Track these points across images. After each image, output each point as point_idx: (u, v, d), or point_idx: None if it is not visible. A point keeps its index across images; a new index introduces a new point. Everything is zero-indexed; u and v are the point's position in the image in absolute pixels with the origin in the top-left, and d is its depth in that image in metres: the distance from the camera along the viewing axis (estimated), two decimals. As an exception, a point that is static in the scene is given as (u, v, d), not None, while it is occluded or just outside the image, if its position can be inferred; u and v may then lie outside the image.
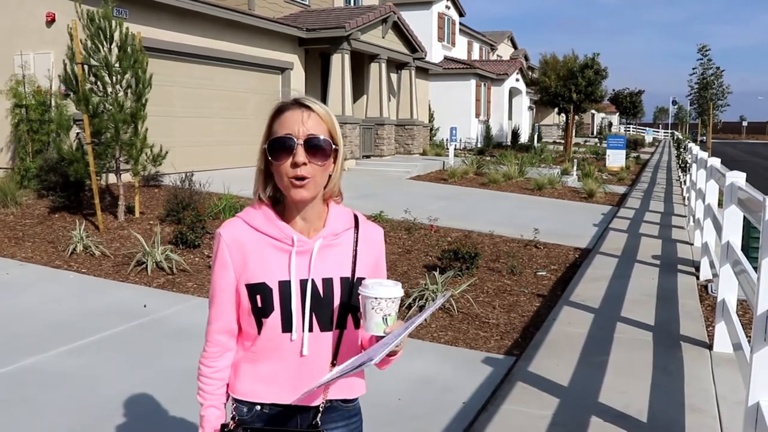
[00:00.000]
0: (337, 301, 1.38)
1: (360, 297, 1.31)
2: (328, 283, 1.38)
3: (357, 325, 1.43)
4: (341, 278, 1.39)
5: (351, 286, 1.40)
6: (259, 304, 1.35)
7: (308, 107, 1.34)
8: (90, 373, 3.79)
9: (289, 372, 1.37)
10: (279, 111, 1.35)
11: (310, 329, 1.37)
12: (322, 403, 1.41)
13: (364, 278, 1.41)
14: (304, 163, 1.31)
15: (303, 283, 1.36)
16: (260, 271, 1.36)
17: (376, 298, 1.28)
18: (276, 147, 1.32)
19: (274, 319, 1.35)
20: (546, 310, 5.16)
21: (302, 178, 1.32)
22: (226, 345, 1.43)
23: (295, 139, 1.31)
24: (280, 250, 1.37)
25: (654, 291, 5.50)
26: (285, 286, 1.35)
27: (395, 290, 1.31)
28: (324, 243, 1.39)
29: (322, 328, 1.38)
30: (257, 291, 1.36)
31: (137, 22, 9.65)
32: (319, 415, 1.40)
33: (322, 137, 1.33)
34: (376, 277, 1.46)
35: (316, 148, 1.33)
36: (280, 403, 1.39)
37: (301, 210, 1.38)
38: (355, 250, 1.43)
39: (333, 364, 1.39)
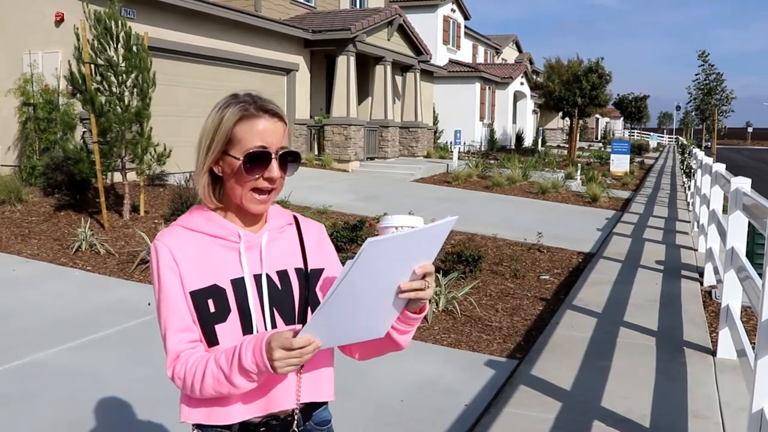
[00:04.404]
0: (296, 293, 1.31)
1: (379, 231, 1.20)
2: (283, 275, 1.31)
3: None
4: (296, 269, 1.33)
5: (306, 277, 1.34)
6: (212, 309, 1.24)
7: (279, 117, 1.28)
8: (94, 370, 3.81)
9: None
10: (244, 117, 1.25)
11: (273, 325, 1.27)
12: (296, 408, 1.30)
13: (320, 269, 1.36)
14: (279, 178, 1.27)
15: (257, 279, 1.28)
16: (208, 273, 1.26)
17: (396, 227, 1.17)
18: (251, 160, 1.24)
19: (232, 322, 1.24)
20: (549, 314, 5.16)
21: (268, 192, 1.27)
22: (194, 341, 1.26)
23: (271, 153, 1.25)
24: (227, 249, 1.29)
25: (657, 296, 5.49)
26: (239, 284, 1.26)
27: (416, 220, 1.19)
28: (270, 236, 1.33)
29: (287, 322, 1.29)
30: (208, 295, 1.24)
31: (145, 22, 9.70)
32: (295, 423, 1.29)
33: (293, 149, 1.29)
34: (332, 274, 1.37)
35: (288, 162, 1.28)
36: (252, 419, 1.27)
37: (247, 213, 1.32)
38: (302, 242, 1.37)
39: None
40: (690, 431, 3.02)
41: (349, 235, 6.78)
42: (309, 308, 1.32)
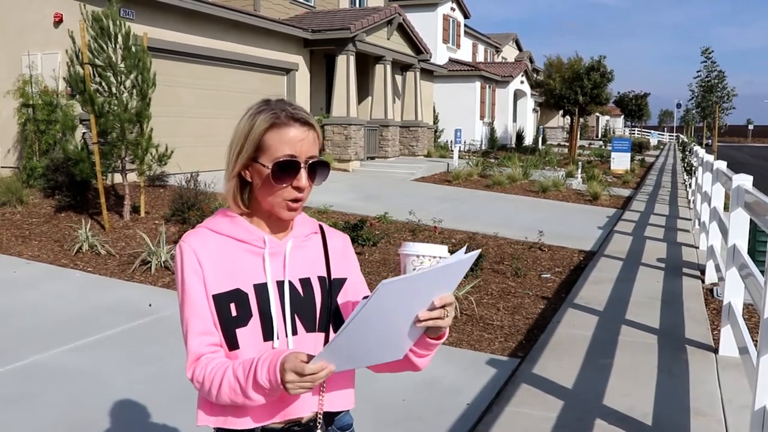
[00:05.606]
0: (318, 301, 1.32)
1: (400, 257, 1.20)
2: (306, 282, 1.31)
3: None
4: (318, 277, 1.34)
5: (329, 286, 1.35)
6: (234, 313, 1.25)
7: (310, 125, 1.28)
8: (95, 371, 3.81)
9: None
10: (275, 125, 1.26)
11: (294, 332, 1.28)
12: (319, 412, 1.30)
13: (343, 278, 1.37)
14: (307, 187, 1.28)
15: (280, 285, 1.29)
16: (231, 277, 1.26)
17: (418, 256, 1.16)
18: (280, 169, 1.24)
19: (253, 327, 1.25)
20: (550, 313, 5.15)
21: (299, 200, 1.27)
22: (215, 345, 1.26)
23: (300, 162, 1.26)
24: (251, 253, 1.29)
25: (659, 294, 5.48)
26: (261, 289, 1.27)
27: (440, 249, 1.17)
28: (295, 243, 1.33)
29: (308, 329, 1.30)
30: (230, 299, 1.25)
31: (144, 22, 9.69)
32: (318, 430, 1.29)
33: (322, 159, 1.30)
34: (354, 284, 1.41)
35: (317, 171, 1.29)
36: (273, 425, 1.27)
37: (274, 219, 1.33)
38: (326, 251, 1.38)
39: None
40: (692, 429, 3.01)
41: (350, 234, 6.78)
42: (331, 317, 1.33)
